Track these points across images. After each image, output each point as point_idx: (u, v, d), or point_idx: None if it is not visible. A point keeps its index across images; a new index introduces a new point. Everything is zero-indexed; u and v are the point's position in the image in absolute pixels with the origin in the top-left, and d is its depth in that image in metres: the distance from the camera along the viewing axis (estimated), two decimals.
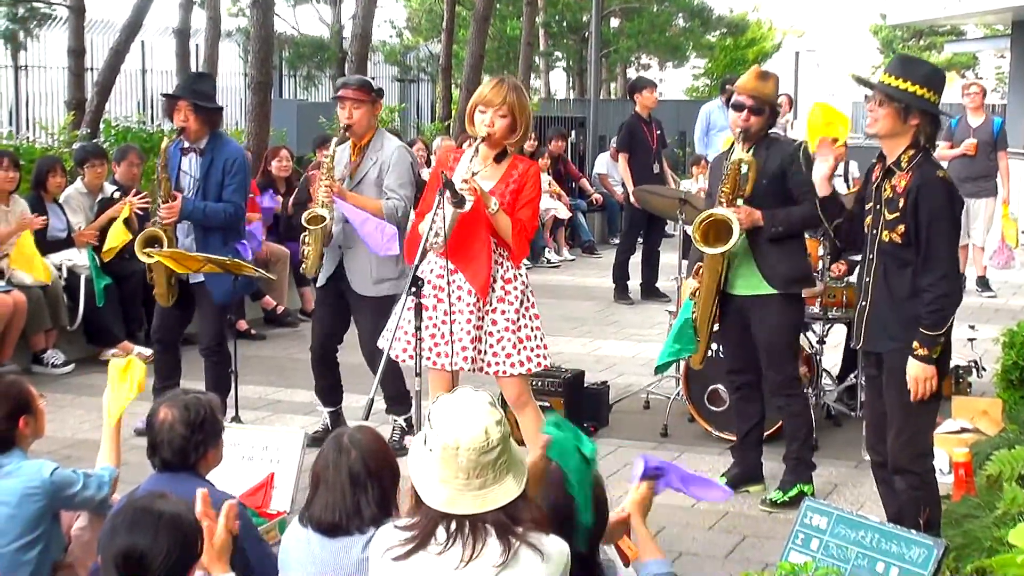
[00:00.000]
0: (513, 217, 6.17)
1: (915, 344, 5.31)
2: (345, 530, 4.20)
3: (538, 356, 6.34)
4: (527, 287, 6.36)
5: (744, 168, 6.73)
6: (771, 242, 6.79)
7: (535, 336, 6.34)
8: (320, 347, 8.02)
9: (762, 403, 7.14)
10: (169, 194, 7.82)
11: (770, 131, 6.93)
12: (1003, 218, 13.51)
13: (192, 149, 7.91)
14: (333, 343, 8.04)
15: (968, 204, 13.38)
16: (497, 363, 6.26)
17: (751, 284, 6.90)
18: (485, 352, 6.25)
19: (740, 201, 6.78)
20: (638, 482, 4.52)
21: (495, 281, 6.26)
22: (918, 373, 5.33)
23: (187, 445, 4.70)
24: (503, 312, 6.25)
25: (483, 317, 6.22)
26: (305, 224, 7.60)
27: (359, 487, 4.22)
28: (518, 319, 6.28)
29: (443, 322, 6.20)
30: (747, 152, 6.77)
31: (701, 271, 7.06)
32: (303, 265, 7.80)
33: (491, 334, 6.25)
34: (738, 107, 6.82)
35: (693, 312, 7.11)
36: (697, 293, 7.11)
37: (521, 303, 6.30)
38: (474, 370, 6.28)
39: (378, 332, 7.49)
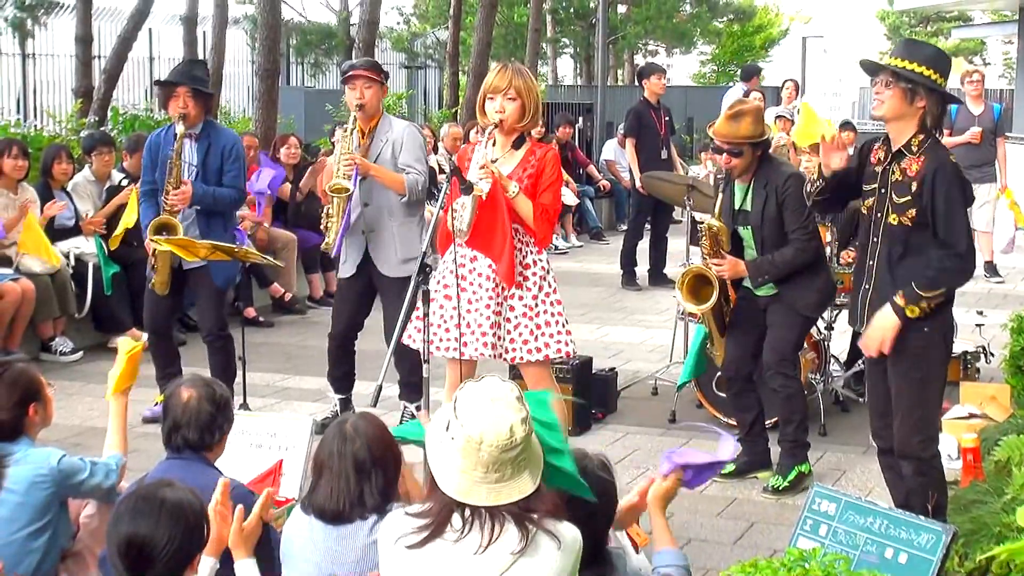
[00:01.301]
0: (535, 202, 6.17)
1: (899, 298, 5.30)
2: (348, 518, 4.19)
3: (558, 343, 6.30)
4: (548, 273, 6.33)
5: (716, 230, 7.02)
6: (790, 277, 6.93)
7: (555, 323, 6.30)
8: (341, 336, 8.02)
9: (757, 394, 7.21)
10: (180, 180, 7.82)
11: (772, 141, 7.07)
12: (1010, 206, 13.49)
13: (187, 135, 7.91)
14: (354, 332, 8.05)
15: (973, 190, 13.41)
16: (514, 349, 6.25)
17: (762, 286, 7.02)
18: (503, 338, 6.25)
19: (750, 240, 7.01)
20: (666, 475, 4.50)
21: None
22: (884, 325, 5.35)
23: (212, 423, 4.72)
24: (520, 298, 6.24)
25: (501, 303, 6.23)
26: (329, 192, 7.56)
27: (363, 475, 4.21)
28: (536, 305, 6.26)
29: (468, 311, 6.21)
30: (746, 185, 7.00)
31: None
32: (325, 240, 7.75)
33: (508, 320, 6.24)
34: (718, 151, 7.05)
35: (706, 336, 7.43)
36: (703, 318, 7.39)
37: (540, 289, 6.27)
38: (495, 356, 6.28)
39: None
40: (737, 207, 7.03)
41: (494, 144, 6.22)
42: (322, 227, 7.75)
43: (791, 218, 6.79)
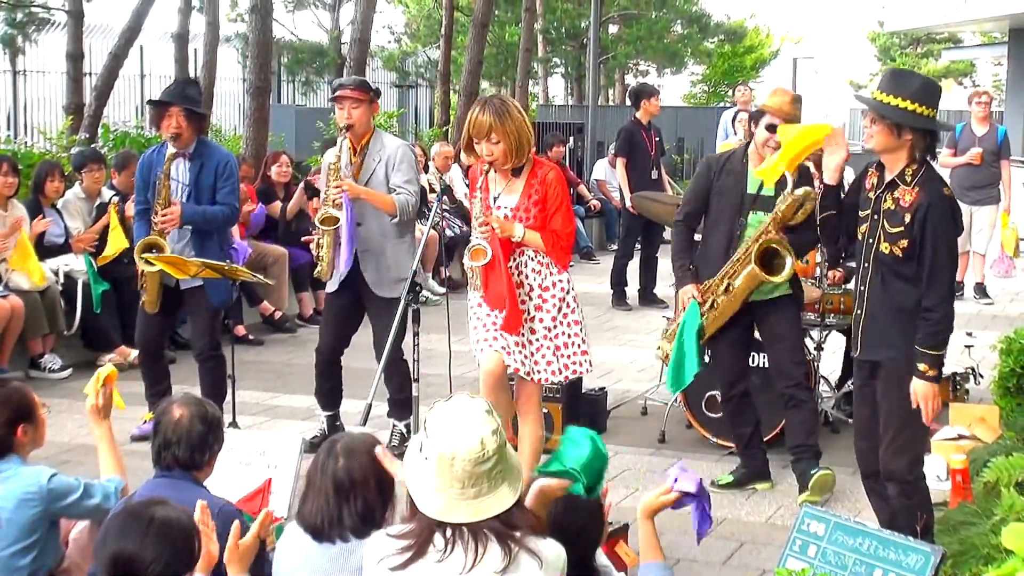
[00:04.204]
0: (545, 230, 6.21)
1: (922, 366, 5.35)
2: (327, 536, 4.16)
3: (575, 364, 6.42)
4: (568, 293, 6.40)
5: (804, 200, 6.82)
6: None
7: (572, 343, 6.39)
8: (328, 351, 8.00)
9: (754, 407, 7.30)
10: (168, 200, 7.82)
11: None
12: (1003, 228, 13.51)
13: (180, 155, 7.90)
14: (341, 348, 8.03)
15: (971, 212, 13.41)
16: (539, 370, 6.35)
17: (766, 289, 7.00)
18: (528, 358, 6.30)
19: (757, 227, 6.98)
20: (669, 487, 4.49)
21: (532, 290, 6.32)
22: (926, 392, 5.39)
23: (203, 443, 4.71)
24: (540, 320, 6.33)
25: (524, 324, 6.28)
26: (319, 224, 7.59)
27: (341, 495, 4.17)
28: (554, 326, 6.35)
29: (493, 323, 6.26)
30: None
31: (711, 284, 7.05)
32: (318, 268, 7.76)
33: (531, 342, 6.31)
34: (770, 128, 6.90)
35: (703, 318, 7.16)
36: (714, 303, 7.11)
37: (559, 310, 6.36)
38: (525, 376, 6.33)
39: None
40: (752, 191, 7.02)
41: (494, 174, 6.25)
42: (314, 257, 7.77)
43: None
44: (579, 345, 6.41)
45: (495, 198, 6.24)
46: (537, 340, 6.31)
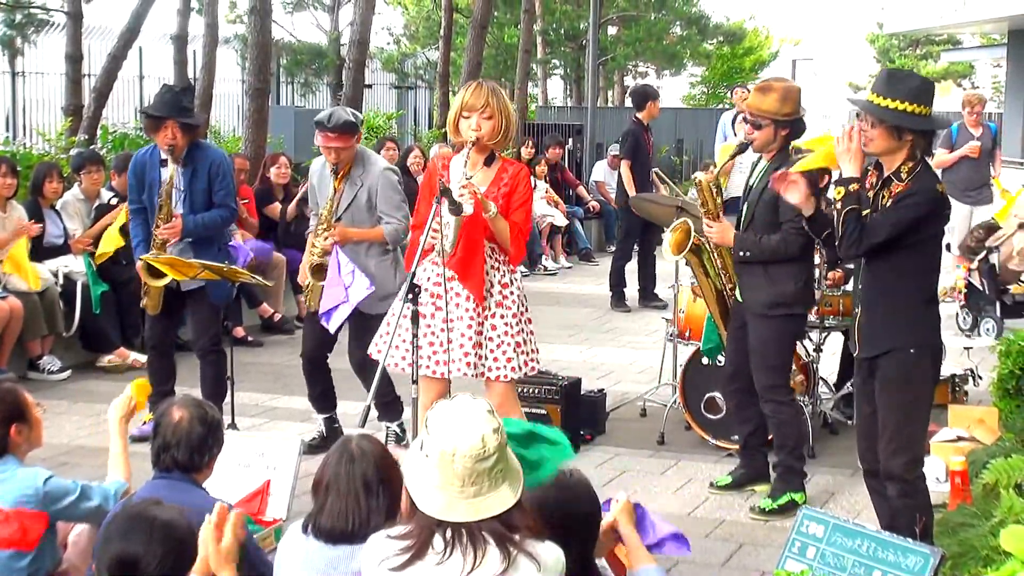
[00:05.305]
0: (508, 220, 6.20)
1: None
2: (352, 538, 4.12)
3: (532, 361, 6.46)
4: (522, 291, 6.44)
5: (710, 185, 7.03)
6: (754, 266, 6.84)
7: (530, 340, 6.45)
8: (311, 354, 8.00)
9: (758, 407, 7.15)
10: (171, 214, 7.82)
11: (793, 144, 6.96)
12: (1002, 195, 13.49)
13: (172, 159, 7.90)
14: (324, 352, 8.02)
15: (972, 211, 13.50)
16: (498, 367, 6.30)
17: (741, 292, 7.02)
18: (486, 357, 6.27)
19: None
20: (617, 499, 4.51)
21: (492, 286, 6.30)
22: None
23: (203, 445, 4.71)
24: (502, 316, 6.30)
25: (483, 323, 6.24)
26: (310, 274, 7.62)
27: (372, 494, 4.15)
28: (516, 323, 6.34)
29: (442, 330, 6.20)
30: (765, 163, 6.93)
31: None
32: (308, 303, 7.82)
33: (491, 339, 6.29)
34: (746, 121, 7.01)
35: None
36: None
37: (519, 307, 6.37)
38: (475, 375, 6.29)
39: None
40: (751, 183, 7.01)
41: (467, 161, 6.22)
42: (305, 298, 7.80)
43: (787, 208, 6.44)
44: (534, 342, 6.49)
45: (468, 179, 6.21)
46: (498, 336, 6.29)
